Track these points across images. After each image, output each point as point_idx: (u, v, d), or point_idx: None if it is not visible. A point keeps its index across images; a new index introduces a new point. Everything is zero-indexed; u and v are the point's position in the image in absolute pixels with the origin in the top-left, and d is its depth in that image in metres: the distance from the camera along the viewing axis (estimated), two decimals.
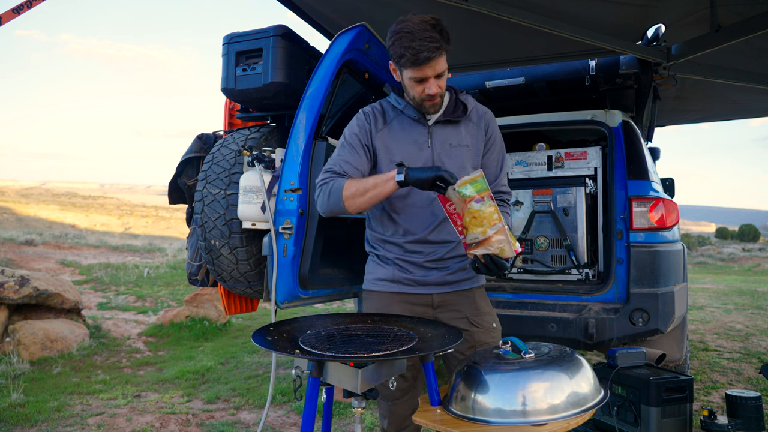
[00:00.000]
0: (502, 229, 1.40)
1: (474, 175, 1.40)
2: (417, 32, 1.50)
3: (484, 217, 1.39)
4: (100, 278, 9.50)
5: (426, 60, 1.51)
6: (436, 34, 1.50)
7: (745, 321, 6.82)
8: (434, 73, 1.56)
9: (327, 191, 1.61)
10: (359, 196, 1.56)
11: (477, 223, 1.41)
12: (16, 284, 4.80)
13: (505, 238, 1.40)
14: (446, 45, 1.54)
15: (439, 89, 1.60)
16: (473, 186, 1.39)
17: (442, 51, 1.53)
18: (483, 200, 1.39)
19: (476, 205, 1.39)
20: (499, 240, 1.40)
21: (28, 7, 1.90)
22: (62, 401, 3.51)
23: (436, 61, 1.53)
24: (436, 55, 1.51)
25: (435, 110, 1.68)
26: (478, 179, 1.40)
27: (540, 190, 3.46)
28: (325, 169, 1.68)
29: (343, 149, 1.70)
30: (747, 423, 2.51)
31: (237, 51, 2.38)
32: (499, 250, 1.41)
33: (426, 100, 1.62)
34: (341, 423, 3.11)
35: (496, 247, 1.41)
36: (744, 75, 3.27)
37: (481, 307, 1.78)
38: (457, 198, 1.42)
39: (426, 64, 1.52)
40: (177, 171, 2.69)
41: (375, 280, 1.78)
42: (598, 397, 1.26)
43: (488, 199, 1.39)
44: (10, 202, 45.99)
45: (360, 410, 1.34)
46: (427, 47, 1.49)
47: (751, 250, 23.58)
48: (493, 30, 3.03)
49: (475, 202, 1.39)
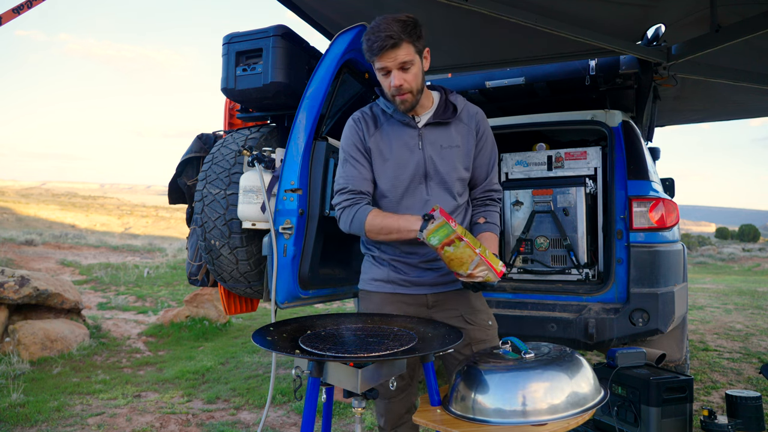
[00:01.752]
0: (480, 262, 1.45)
1: (437, 223, 1.43)
2: (378, 26, 1.54)
3: (460, 257, 1.45)
4: (100, 278, 9.50)
5: (380, 49, 1.53)
6: (395, 26, 1.52)
7: (745, 321, 6.82)
8: (395, 63, 1.56)
9: (350, 217, 1.67)
10: (383, 235, 1.63)
11: (457, 264, 1.47)
12: (16, 284, 4.80)
13: (485, 267, 1.46)
14: (407, 38, 1.54)
15: (405, 82, 1.59)
16: (438, 233, 1.43)
17: (398, 42, 1.53)
18: (453, 243, 1.43)
19: (450, 249, 1.44)
20: (481, 270, 1.47)
21: (28, 7, 1.90)
22: (62, 401, 3.51)
23: (394, 52, 1.54)
24: (388, 45, 1.52)
25: (405, 107, 1.65)
26: (441, 226, 1.43)
27: (540, 190, 3.46)
28: (338, 189, 1.71)
29: (346, 164, 1.72)
30: (747, 423, 2.51)
31: (237, 51, 2.38)
32: (485, 278, 1.48)
33: (395, 95, 1.62)
34: (341, 423, 3.11)
35: (482, 276, 1.48)
36: (744, 75, 3.26)
37: (476, 305, 1.78)
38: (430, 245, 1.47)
39: (382, 54, 1.54)
40: (177, 171, 2.69)
41: (370, 280, 1.80)
42: (598, 397, 1.26)
43: (457, 241, 1.42)
44: (10, 202, 46.00)
45: (360, 410, 1.34)
46: (380, 37, 1.52)
47: (751, 250, 23.58)
48: (493, 30, 3.03)
49: (447, 247, 1.44)
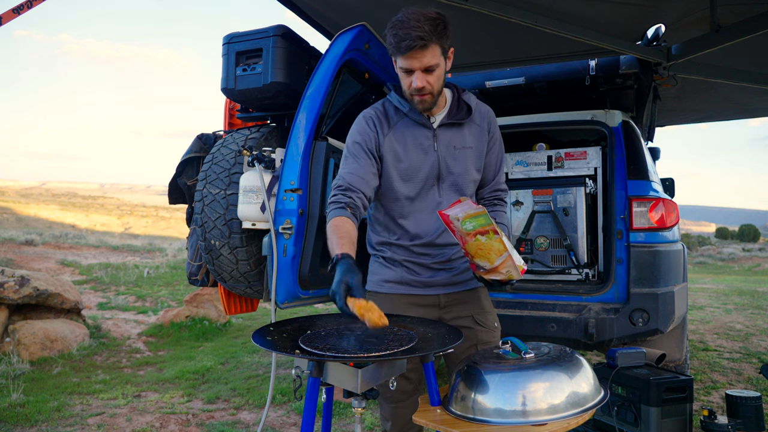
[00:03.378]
0: (509, 258, 1.40)
1: (477, 210, 1.37)
2: (408, 21, 1.46)
3: (490, 249, 1.40)
4: (100, 278, 9.50)
5: (407, 48, 1.46)
6: (426, 26, 1.45)
7: (745, 321, 6.82)
8: (420, 65, 1.50)
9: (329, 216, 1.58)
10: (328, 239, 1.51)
11: (483, 254, 1.42)
12: (16, 284, 4.80)
13: (512, 263, 1.41)
14: (437, 39, 1.48)
15: (427, 84, 1.54)
16: (476, 221, 1.37)
17: (428, 44, 1.47)
18: (488, 233, 1.37)
19: (482, 239, 1.38)
20: (507, 266, 1.42)
21: (28, 7, 1.90)
22: (62, 401, 3.50)
23: (422, 53, 1.48)
24: (417, 45, 1.45)
25: (423, 107, 1.61)
26: (480, 215, 1.36)
27: (540, 190, 3.46)
28: (334, 185, 1.65)
29: (347, 160, 1.67)
30: (747, 423, 2.51)
31: (237, 51, 2.39)
32: (507, 275, 1.43)
33: (414, 95, 1.57)
34: (341, 423, 3.11)
35: (505, 273, 1.43)
36: (744, 75, 3.27)
37: (485, 306, 1.77)
38: (460, 229, 1.41)
39: (409, 54, 1.48)
40: (177, 171, 2.69)
41: (382, 282, 1.75)
42: (598, 397, 1.26)
43: (492, 233, 1.37)
44: (10, 202, 45.98)
45: (360, 410, 1.33)
46: (410, 36, 1.45)
47: (751, 250, 23.59)
48: (493, 30, 3.03)
49: (480, 236, 1.38)
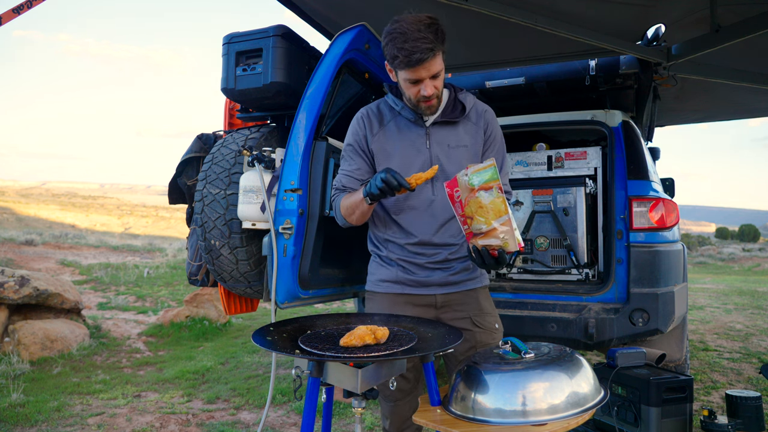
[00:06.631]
0: (508, 222, 1.35)
1: (486, 164, 1.35)
2: (410, 33, 1.46)
3: (491, 208, 1.35)
4: (100, 278, 9.50)
5: (418, 61, 1.47)
6: (429, 35, 1.46)
7: (745, 321, 6.82)
8: (429, 74, 1.52)
9: (335, 210, 1.72)
10: (352, 215, 1.64)
11: (483, 213, 1.37)
12: (16, 284, 4.80)
13: (509, 230, 1.36)
14: (440, 45, 1.49)
15: (435, 90, 1.56)
16: (483, 175, 1.35)
17: (436, 52, 1.48)
18: (491, 190, 1.34)
19: (484, 195, 1.35)
20: (504, 231, 1.36)
21: (28, 7, 1.90)
22: (62, 401, 3.50)
23: (430, 63, 1.49)
24: (428, 57, 1.47)
25: (431, 112, 1.64)
26: (489, 168, 1.35)
27: (540, 190, 3.46)
28: (334, 186, 1.75)
29: (344, 161, 1.75)
30: (747, 423, 2.51)
31: (237, 51, 2.38)
32: (503, 242, 1.36)
33: (422, 102, 1.59)
34: (341, 423, 3.11)
35: (501, 239, 1.36)
36: (744, 75, 3.27)
37: (485, 307, 1.76)
38: (465, 185, 1.38)
39: (419, 66, 1.49)
40: (177, 171, 2.69)
41: (378, 282, 1.76)
42: (598, 397, 1.26)
43: (497, 190, 1.34)
44: (10, 202, 45.96)
45: (360, 410, 1.34)
46: (419, 48, 1.45)
47: (751, 250, 23.58)
48: (493, 30, 3.03)
49: (483, 191, 1.35)
